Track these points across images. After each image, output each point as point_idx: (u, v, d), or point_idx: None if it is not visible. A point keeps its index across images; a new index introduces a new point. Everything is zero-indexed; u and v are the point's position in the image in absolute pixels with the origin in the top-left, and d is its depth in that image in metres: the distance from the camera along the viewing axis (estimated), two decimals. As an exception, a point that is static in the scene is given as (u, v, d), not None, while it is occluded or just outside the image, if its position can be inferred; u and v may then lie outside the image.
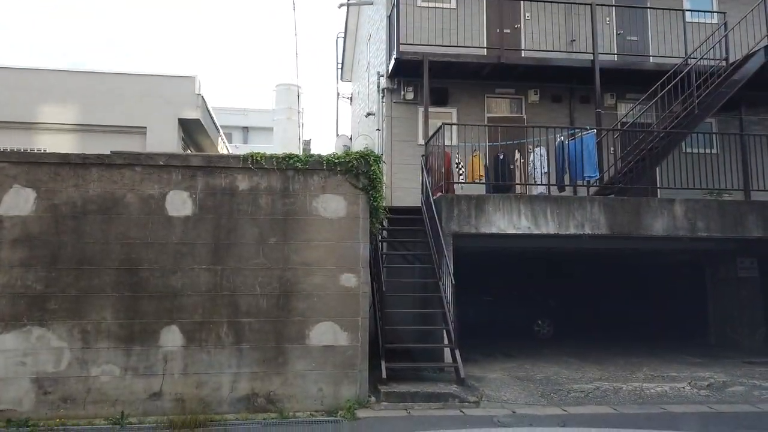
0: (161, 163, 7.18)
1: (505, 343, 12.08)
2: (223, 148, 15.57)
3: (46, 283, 6.75)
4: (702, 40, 11.54)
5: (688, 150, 11.75)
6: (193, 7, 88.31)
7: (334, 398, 7.01)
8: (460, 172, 10.33)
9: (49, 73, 12.02)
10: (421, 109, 11.89)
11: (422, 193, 10.48)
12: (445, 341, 8.48)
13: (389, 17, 12.38)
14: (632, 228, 9.50)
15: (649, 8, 12.76)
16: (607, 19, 12.98)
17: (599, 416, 6.84)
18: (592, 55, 11.75)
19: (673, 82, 10.79)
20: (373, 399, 7.21)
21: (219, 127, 14.87)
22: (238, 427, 6.37)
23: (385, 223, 9.30)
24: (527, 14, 12.76)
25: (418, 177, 11.13)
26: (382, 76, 12.84)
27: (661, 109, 11.35)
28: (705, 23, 12.92)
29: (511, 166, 10.66)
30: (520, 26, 12.71)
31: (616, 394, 7.79)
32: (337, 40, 20.03)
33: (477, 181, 10.28)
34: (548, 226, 9.32)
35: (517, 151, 10.96)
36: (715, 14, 13.21)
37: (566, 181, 10.41)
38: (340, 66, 20.36)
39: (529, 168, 10.70)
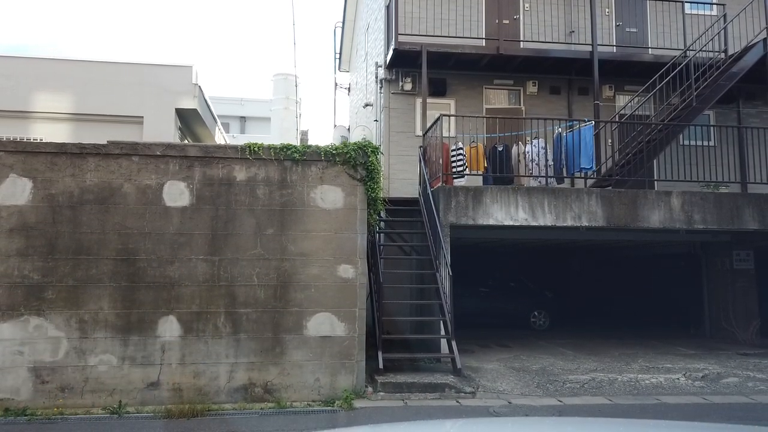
0: (158, 153, 7.15)
1: (502, 334, 12.15)
2: (221, 138, 15.51)
3: (43, 272, 6.75)
4: (701, 32, 11.52)
5: (686, 142, 11.77)
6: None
7: (331, 388, 7.05)
8: (460, 162, 10.30)
9: (45, 62, 11.94)
10: (419, 100, 11.85)
11: (420, 184, 10.47)
12: (442, 332, 8.52)
13: (387, 7, 12.31)
14: (629, 220, 9.52)
15: (649, -1, 12.73)
16: (607, 10, 12.94)
17: (594, 407, 6.88)
18: (590, 46, 11.72)
19: (671, 74, 10.78)
20: (369, 389, 7.25)
21: (216, 116, 14.81)
22: (236, 416, 6.40)
23: (382, 214, 9.31)
24: (526, 5, 12.70)
25: (416, 168, 11.12)
26: (381, 66, 12.79)
27: (659, 101, 11.35)
28: (704, 15, 12.89)
29: (518, 161, 10.59)
30: (519, 17, 12.65)
31: (612, 385, 7.85)
32: (335, 30, 19.94)
33: (474, 172, 10.27)
34: (545, 218, 9.33)
35: (519, 142, 10.93)
36: (714, 6, 13.18)
37: (563, 173, 10.42)
38: (337, 56, 20.26)
39: (525, 159, 10.68)
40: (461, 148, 10.35)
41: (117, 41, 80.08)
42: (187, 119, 12.64)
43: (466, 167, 10.21)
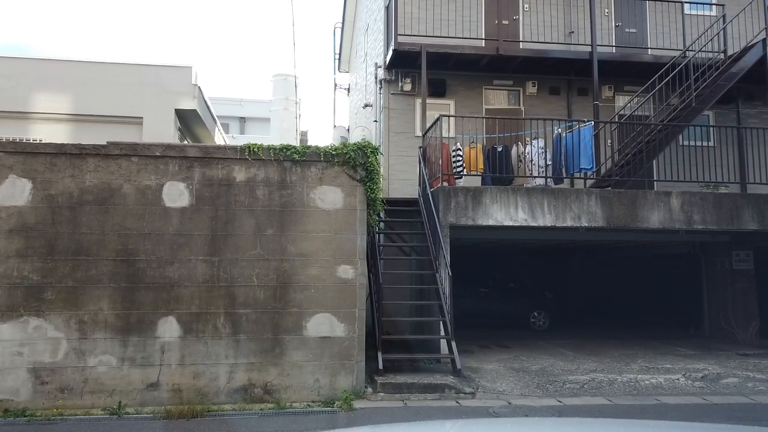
0: (158, 153, 7.15)
1: (501, 335, 12.15)
2: (220, 138, 15.50)
3: (42, 273, 6.75)
4: (700, 33, 11.52)
5: (685, 143, 11.78)
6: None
7: (330, 389, 7.04)
8: (459, 163, 10.31)
9: (44, 62, 11.93)
10: (418, 101, 11.85)
11: (419, 184, 10.47)
12: (442, 332, 8.51)
13: (387, 8, 12.31)
14: (629, 220, 9.53)
15: (648, 0, 12.72)
16: (606, 10, 12.94)
17: (594, 407, 6.88)
18: (590, 47, 11.71)
19: (671, 75, 10.78)
20: (369, 390, 7.24)
21: (216, 117, 14.80)
22: (235, 417, 6.40)
23: (382, 214, 9.30)
24: (526, 5, 12.70)
25: (416, 169, 11.12)
26: (380, 67, 12.78)
27: (658, 101, 11.36)
28: (703, 15, 12.89)
29: (520, 162, 10.59)
30: (519, 17, 12.65)
31: (611, 386, 7.85)
32: (334, 30, 19.94)
33: (473, 172, 10.27)
34: (545, 219, 9.33)
35: (519, 143, 10.93)
36: (714, 6, 13.18)
37: (563, 173, 10.42)
38: (337, 56, 20.26)
39: (525, 159, 10.68)
40: (459, 149, 10.36)
41: (117, 41, 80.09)
42: (187, 120, 12.64)
43: (464, 168, 10.21)
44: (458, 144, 10.46)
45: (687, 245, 12.82)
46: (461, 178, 10.18)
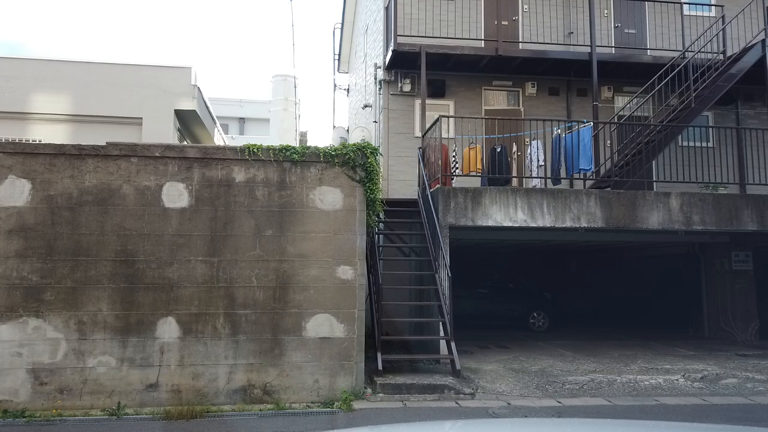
0: (157, 154, 7.15)
1: (501, 336, 12.16)
2: (220, 139, 15.51)
3: (41, 274, 6.74)
4: (699, 34, 11.53)
5: (685, 143, 11.79)
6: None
7: (330, 389, 7.04)
8: (456, 165, 10.32)
9: (44, 63, 11.93)
10: (418, 102, 11.85)
11: (419, 185, 10.48)
12: (441, 333, 8.51)
13: (386, 8, 12.31)
14: (628, 221, 9.53)
15: (647, 1, 12.73)
16: (605, 11, 12.95)
17: (593, 408, 6.89)
18: (589, 47, 11.72)
19: (670, 76, 10.79)
20: (369, 390, 7.24)
21: (215, 118, 14.80)
22: (235, 418, 6.40)
23: (381, 215, 9.31)
24: (525, 6, 12.71)
25: (415, 169, 11.12)
26: (380, 67, 12.79)
27: (658, 102, 11.36)
28: (703, 16, 12.91)
29: (516, 157, 10.58)
30: (518, 18, 12.66)
31: (611, 386, 7.85)
32: (334, 31, 19.95)
33: (473, 173, 10.27)
34: (544, 219, 9.33)
35: (515, 143, 10.93)
36: (713, 7, 13.20)
37: (562, 174, 10.43)
38: (336, 57, 20.27)
39: (526, 161, 10.69)
40: (454, 150, 10.37)
41: (116, 41, 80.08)
42: (186, 120, 12.64)
43: (457, 169, 10.21)
44: (454, 145, 10.46)
45: (686, 246, 12.83)
46: (453, 179, 10.19)
